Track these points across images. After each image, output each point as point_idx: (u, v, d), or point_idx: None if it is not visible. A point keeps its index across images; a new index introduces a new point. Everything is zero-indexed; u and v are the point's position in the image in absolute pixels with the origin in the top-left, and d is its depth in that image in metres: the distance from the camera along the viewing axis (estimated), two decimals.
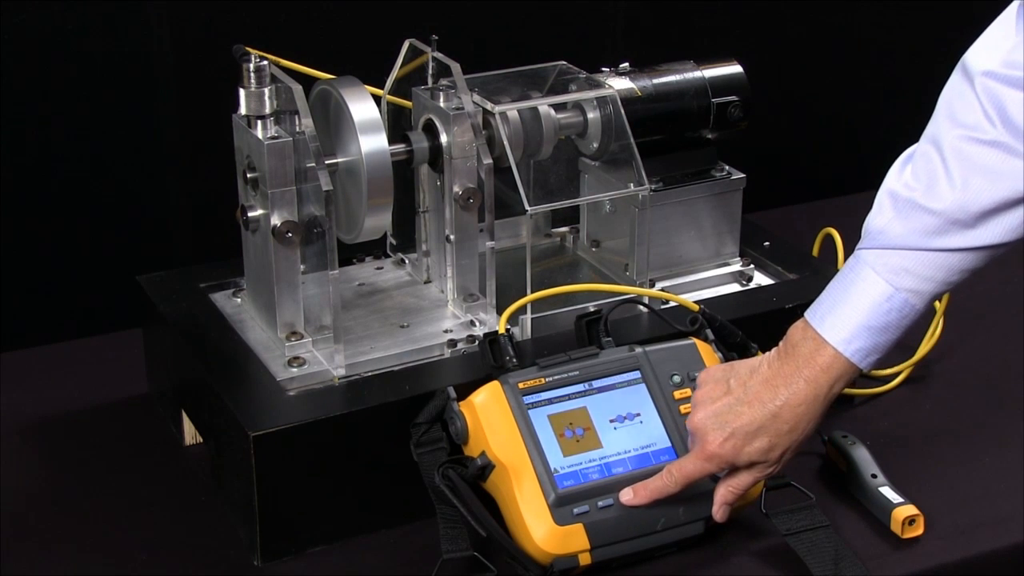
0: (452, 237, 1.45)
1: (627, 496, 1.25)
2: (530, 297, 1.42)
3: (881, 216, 1.17)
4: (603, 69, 1.54)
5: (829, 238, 1.68)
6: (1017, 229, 1.12)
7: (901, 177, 1.16)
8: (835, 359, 1.18)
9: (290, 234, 1.36)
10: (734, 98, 1.55)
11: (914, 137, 1.19)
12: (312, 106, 1.40)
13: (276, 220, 1.36)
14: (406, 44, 1.49)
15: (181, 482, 1.42)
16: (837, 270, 1.59)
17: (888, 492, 1.33)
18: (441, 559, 1.22)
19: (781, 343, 1.22)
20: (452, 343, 1.42)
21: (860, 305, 1.17)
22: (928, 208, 1.13)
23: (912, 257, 1.14)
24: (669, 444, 1.29)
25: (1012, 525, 1.33)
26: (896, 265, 1.15)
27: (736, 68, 1.56)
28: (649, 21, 2.01)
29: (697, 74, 1.54)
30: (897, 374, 1.56)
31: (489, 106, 1.43)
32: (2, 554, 1.30)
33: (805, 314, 1.21)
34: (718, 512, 1.25)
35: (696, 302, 1.43)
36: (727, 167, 1.58)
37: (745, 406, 1.20)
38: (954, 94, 1.14)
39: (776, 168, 2.09)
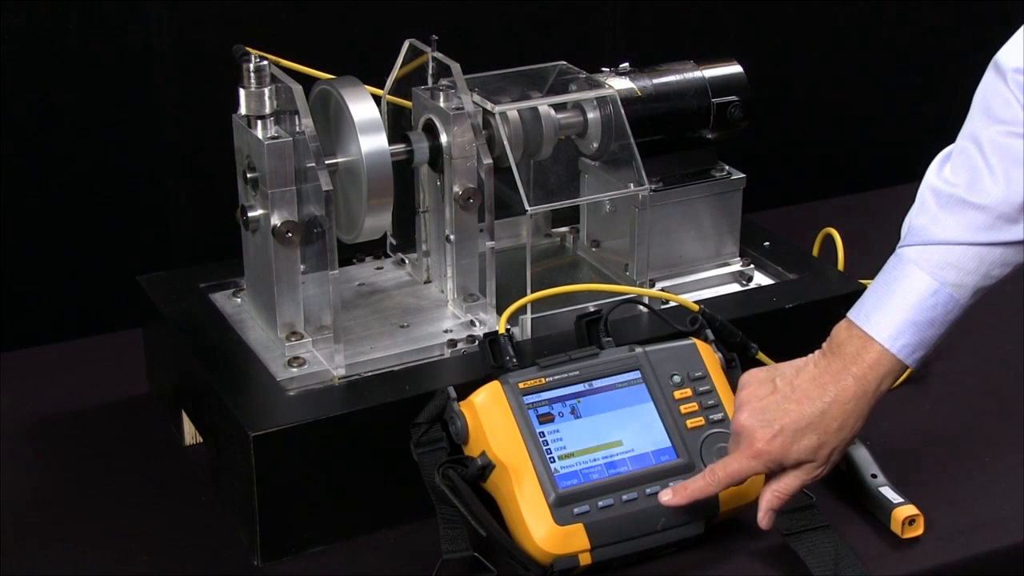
0: (452, 237, 1.45)
1: (666, 497, 1.24)
2: (530, 297, 1.42)
3: (924, 213, 1.18)
4: (603, 69, 1.54)
5: (829, 238, 1.68)
6: None
7: (941, 174, 1.18)
8: (882, 355, 1.18)
9: (290, 234, 1.36)
10: (734, 98, 1.54)
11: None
12: (312, 106, 1.40)
13: (276, 220, 1.36)
14: (406, 44, 1.49)
15: (181, 482, 1.42)
16: (837, 270, 1.61)
17: (888, 492, 1.33)
18: (441, 559, 1.22)
19: (825, 344, 1.22)
20: (452, 343, 1.42)
21: (905, 301, 1.17)
22: (973, 203, 1.14)
23: (956, 252, 1.16)
24: (669, 444, 1.29)
25: (1012, 525, 1.33)
26: (940, 260, 1.16)
27: (736, 68, 1.56)
28: (649, 21, 2.01)
29: (697, 74, 1.54)
30: None
31: (489, 106, 1.43)
32: (2, 554, 1.30)
33: (848, 314, 1.21)
34: (763, 519, 1.23)
35: (696, 302, 1.43)
36: (727, 167, 1.58)
37: (793, 403, 1.20)
38: (989, 92, 1.16)
39: (776, 168, 2.09)
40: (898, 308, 1.17)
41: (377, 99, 1.45)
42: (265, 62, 1.35)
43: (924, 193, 1.19)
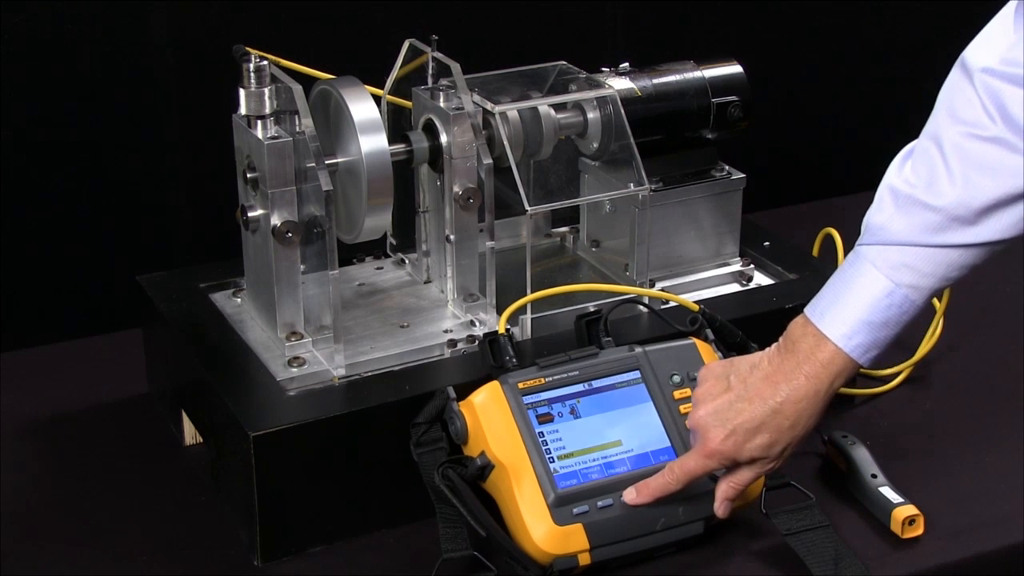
0: (452, 237, 1.45)
1: (631, 496, 1.25)
2: (530, 297, 1.42)
3: (881, 212, 1.17)
4: (603, 69, 1.54)
5: (829, 238, 1.68)
6: (1017, 225, 1.12)
7: (901, 173, 1.16)
8: (835, 354, 1.18)
9: (290, 234, 1.36)
10: (734, 98, 1.54)
11: (913, 136, 1.19)
12: (312, 106, 1.40)
13: (276, 220, 1.36)
14: (406, 44, 1.49)
15: (181, 482, 1.42)
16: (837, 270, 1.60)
17: (888, 492, 1.33)
18: (441, 559, 1.22)
19: (781, 339, 1.22)
20: (452, 343, 1.41)
21: (860, 301, 1.17)
22: (929, 204, 1.13)
23: (912, 253, 1.15)
24: (669, 444, 1.29)
25: (1012, 525, 1.33)
26: (896, 261, 1.15)
27: (736, 68, 1.56)
28: (649, 21, 2.01)
29: (697, 74, 1.54)
30: (897, 374, 1.56)
31: (489, 106, 1.43)
32: (2, 554, 1.30)
33: (805, 310, 1.21)
34: (720, 508, 1.25)
35: (696, 302, 1.43)
36: (727, 167, 1.58)
37: (745, 403, 1.20)
38: (954, 91, 1.14)
39: (776, 168, 2.09)
40: (853, 307, 1.17)
41: (377, 99, 1.45)
42: (265, 62, 1.35)
43: (883, 191, 1.18)
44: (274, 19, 1.78)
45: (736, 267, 1.59)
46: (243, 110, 1.36)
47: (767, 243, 1.63)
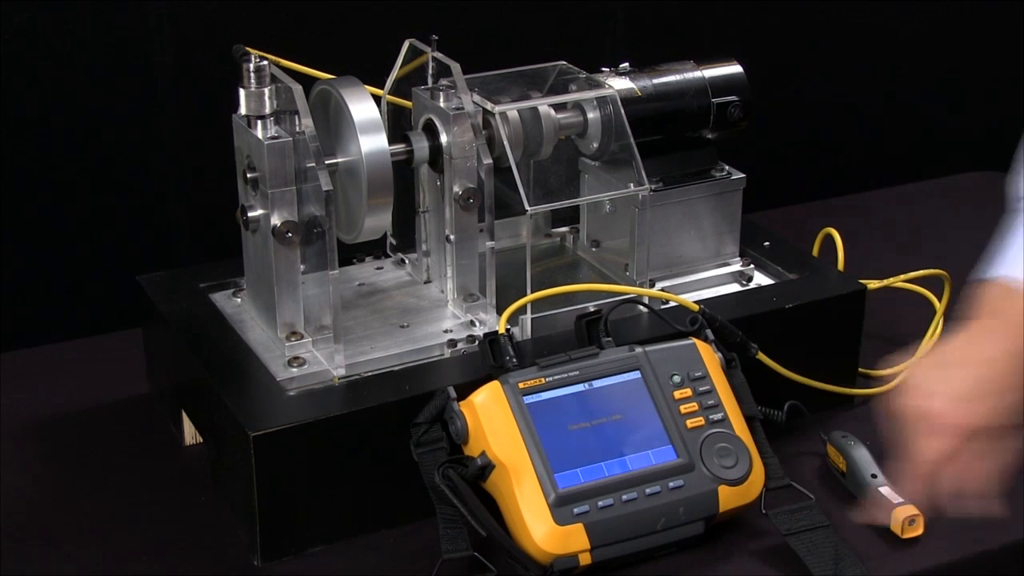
0: (452, 237, 1.45)
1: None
2: (530, 297, 1.42)
3: None
4: (603, 69, 1.54)
5: (829, 238, 1.68)
6: None
7: None
8: None
9: (290, 234, 1.36)
10: (734, 98, 1.54)
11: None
12: (312, 106, 1.40)
13: (276, 220, 1.36)
14: (406, 44, 1.49)
15: (181, 482, 1.42)
16: (837, 270, 1.61)
17: (888, 492, 1.33)
18: (441, 559, 1.22)
19: (972, 311, 1.18)
20: (452, 343, 1.42)
21: None
22: None
23: None
24: (669, 444, 1.29)
25: (1012, 525, 1.33)
26: None
27: (736, 68, 1.56)
28: (649, 21, 2.01)
29: (697, 74, 1.54)
30: (897, 374, 1.56)
31: (489, 106, 1.43)
32: (2, 554, 1.30)
33: (986, 276, 1.18)
34: (952, 502, 1.18)
35: (696, 302, 1.43)
36: (727, 167, 1.58)
37: (959, 369, 1.16)
38: None
39: (776, 168, 2.09)
40: None
41: (377, 99, 1.45)
42: (265, 62, 1.35)
43: None
44: (274, 19, 1.78)
45: (736, 267, 1.59)
46: (243, 110, 1.36)
47: (767, 243, 1.63)
